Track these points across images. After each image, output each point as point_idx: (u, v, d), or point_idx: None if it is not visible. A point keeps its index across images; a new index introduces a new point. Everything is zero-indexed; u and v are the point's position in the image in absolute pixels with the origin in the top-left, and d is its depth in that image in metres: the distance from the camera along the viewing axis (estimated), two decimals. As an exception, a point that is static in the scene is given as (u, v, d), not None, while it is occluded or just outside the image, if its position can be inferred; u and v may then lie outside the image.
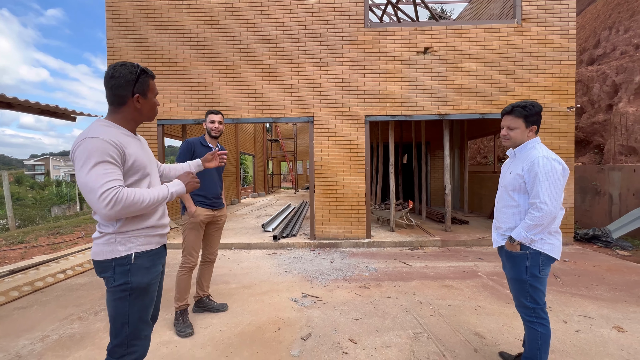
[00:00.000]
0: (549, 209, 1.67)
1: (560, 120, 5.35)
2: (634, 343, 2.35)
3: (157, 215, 1.50)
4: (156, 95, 1.53)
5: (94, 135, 1.27)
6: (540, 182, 1.69)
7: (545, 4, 5.31)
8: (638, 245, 5.26)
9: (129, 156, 1.35)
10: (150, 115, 1.51)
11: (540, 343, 1.78)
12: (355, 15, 5.42)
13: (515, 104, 1.85)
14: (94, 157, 1.24)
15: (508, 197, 1.88)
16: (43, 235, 7.41)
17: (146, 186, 1.46)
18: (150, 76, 1.46)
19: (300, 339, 2.48)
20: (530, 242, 1.75)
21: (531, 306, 1.81)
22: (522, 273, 1.80)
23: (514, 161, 1.91)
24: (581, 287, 3.48)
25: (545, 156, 1.72)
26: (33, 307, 3.15)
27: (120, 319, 1.39)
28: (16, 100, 2.48)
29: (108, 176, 1.24)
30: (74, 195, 29.58)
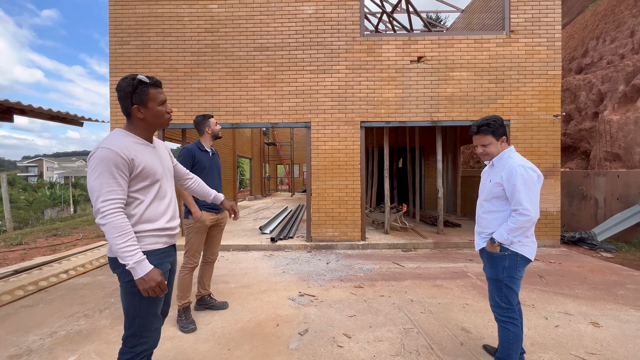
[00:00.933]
0: (531, 214, 1.81)
1: (547, 127, 5.59)
2: (607, 337, 2.54)
3: (166, 218, 1.61)
4: (162, 103, 1.56)
5: (106, 146, 1.42)
6: (519, 190, 1.83)
7: (532, 17, 5.57)
8: (621, 248, 5.49)
9: (137, 164, 1.48)
10: (158, 123, 1.58)
11: (511, 342, 1.91)
12: (352, 25, 5.63)
13: (478, 123, 1.99)
14: (100, 167, 1.39)
15: (489, 204, 2.01)
16: (41, 237, 7.47)
17: (155, 192, 1.58)
18: (151, 85, 1.52)
19: (297, 334, 2.63)
20: (510, 243, 1.89)
21: (505, 306, 1.94)
22: (500, 273, 1.93)
23: (493, 170, 2.04)
24: (564, 286, 3.67)
25: (522, 165, 1.86)
26: (39, 306, 3.26)
27: (132, 311, 1.52)
28: (30, 107, 2.61)
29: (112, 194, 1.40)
30: (67, 198, 29.37)
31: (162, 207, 1.61)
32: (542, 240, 5.58)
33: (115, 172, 1.41)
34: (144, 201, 1.54)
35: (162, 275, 1.47)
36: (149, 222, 1.54)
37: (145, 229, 1.53)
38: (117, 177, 1.41)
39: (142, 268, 1.40)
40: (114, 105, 5.73)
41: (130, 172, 1.46)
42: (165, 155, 1.71)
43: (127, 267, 1.39)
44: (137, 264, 1.39)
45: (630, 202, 5.73)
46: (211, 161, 3.01)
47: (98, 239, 6.75)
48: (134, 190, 1.51)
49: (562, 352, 2.32)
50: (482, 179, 2.17)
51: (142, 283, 1.40)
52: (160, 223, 1.58)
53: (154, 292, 1.44)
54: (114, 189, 1.40)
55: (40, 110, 2.71)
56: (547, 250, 5.40)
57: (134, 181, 1.50)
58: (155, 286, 1.42)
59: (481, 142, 2.00)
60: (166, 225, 1.61)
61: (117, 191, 1.41)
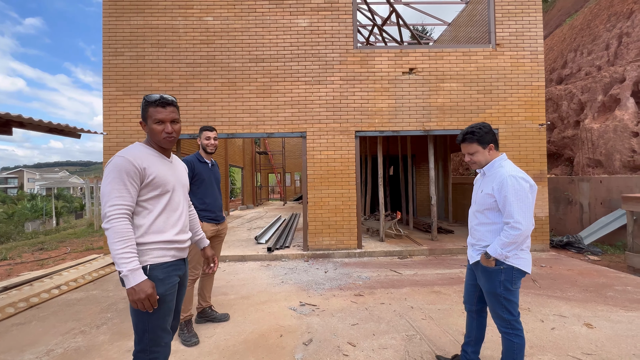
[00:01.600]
0: (522, 227, 1.75)
1: (534, 136, 5.83)
2: (601, 337, 2.64)
3: (175, 231, 1.62)
4: (157, 121, 1.56)
5: (122, 154, 1.49)
6: (511, 203, 1.77)
7: (516, 31, 5.85)
8: (607, 250, 5.70)
9: (149, 173, 1.53)
10: (155, 139, 1.59)
11: (515, 352, 1.87)
12: (345, 38, 5.78)
13: (465, 131, 1.96)
14: (113, 174, 1.46)
15: (482, 216, 1.96)
16: (26, 251, 7.22)
17: (166, 202, 1.60)
18: (150, 103, 1.56)
19: (302, 344, 2.63)
20: (505, 258, 1.83)
21: (507, 318, 1.89)
22: (497, 287, 1.87)
23: (484, 179, 1.98)
24: (556, 289, 3.80)
25: (513, 175, 1.80)
26: (32, 323, 3.16)
27: (141, 326, 1.52)
28: (30, 119, 2.58)
29: (121, 199, 1.45)
30: (49, 210, 28.40)
31: (172, 219, 1.62)
32: (533, 245, 5.74)
33: (126, 179, 1.46)
34: (153, 211, 1.56)
35: (154, 289, 1.44)
36: (157, 234, 1.55)
37: (153, 240, 1.54)
38: (127, 184, 1.47)
39: (134, 277, 1.39)
40: (107, 115, 5.68)
41: (141, 180, 1.51)
42: (181, 170, 1.75)
43: (121, 274, 1.40)
44: (131, 272, 1.39)
45: (613, 207, 5.98)
46: (210, 173, 3.03)
47: (88, 252, 6.57)
48: (144, 199, 1.54)
49: (560, 354, 2.41)
50: (475, 188, 2.11)
51: (132, 293, 1.39)
52: (169, 235, 1.59)
53: (142, 305, 1.41)
54: (123, 195, 1.45)
55: (39, 123, 2.68)
56: (538, 254, 5.56)
57: (144, 190, 1.53)
58: (144, 298, 1.40)
59: (467, 151, 1.96)
60: (175, 238, 1.61)
61: (125, 197, 1.46)
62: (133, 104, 5.69)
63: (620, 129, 6.58)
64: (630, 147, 6.35)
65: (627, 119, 6.56)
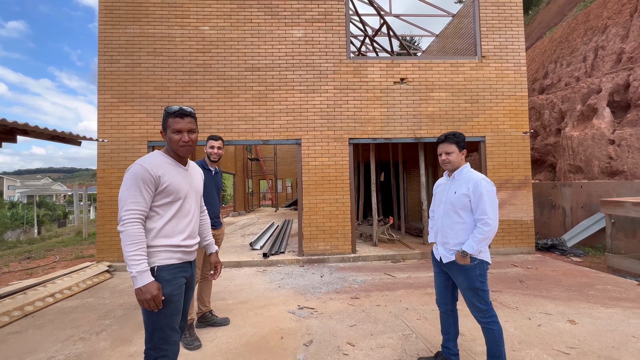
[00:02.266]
0: (494, 223, 1.99)
1: (518, 143, 6.11)
2: (583, 332, 2.82)
3: (183, 236, 1.71)
4: (175, 131, 1.65)
5: (139, 162, 1.61)
6: (484, 201, 2.00)
7: (500, 45, 6.17)
8: (588, 252, 5.99)
9: (163, 181, 1.64)
10: (173, 148, 1.69)
11: (497, 339, 2.04)
12: (339, 49, 5.98)
13: (447, 133, 2.17)
14: (130, 180, 1.58)
15: (455, 215, 2.12)
16: (13, 260, 7.04)
17: (177, 208, 1.70)
18: (170, 114, 1.66)
19: (303, 345, 2.71)
20: (479, 252, 2.03)
21: (484, 308, 2.05)
22: (475, 282, 2.04)
23: (454, 183, 2.18)
24: (542, 289, 3.99)
25: (484, 179, 2.06)
26: (28, 331, 3.13)
27: (151, 325, 1.60)
28: (35, 127, 2.61)
29: (136, 205, 1.56)
30: (31, 218, 27.48)
31: (181, 225, 1.72)
32: (519, 248, 5.98)
33: (142, 186, 1.57)
34: (164, 216, 1.66)
35: (159, 290, 1.54)
36: (166, 238, 1.65)
37: (162, 244, 1.64)
38: (143, 191, 1.58)
39: (142, 279, 1.50)
40: (102, 122, 5.68)
41: (156, 187, 1.62)
42: (197, 178, 1.85)
43: (131, 275, 1.50)
44: (139, 273, 1.50)
45: (593, 210, 6.30)
46: (212, 180, 3.13)
47: (78, 261, 6.46)
48: (157, 205, 1.65)
49: (546, 348, 2.56)
50: (439, 191, 2.30)
51: (139, 293, 1.50)
52: (176, 240, 1.68)
53: (148, 305, 1.51)
54: (138, 200, 1.56)
55: (42, 131, 2.71)
56: (524, 256, 5.79)
57: (158, 196, 1.64)
58: (150, 299, 1.50)
59: (446, 150, 2.16)
60: (182, 243, 1.70)
61: (140, 203, 1.57)
62: (128, 110, 5.71)
63: (597, 136, 6.96)
64: (607, 153, 6.72)
65: (604, 128, 6.95)
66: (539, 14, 19.80)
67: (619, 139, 6.60)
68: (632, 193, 5.67)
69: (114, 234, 5.55)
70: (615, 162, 6.55)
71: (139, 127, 5.71)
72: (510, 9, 6.23)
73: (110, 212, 5.58)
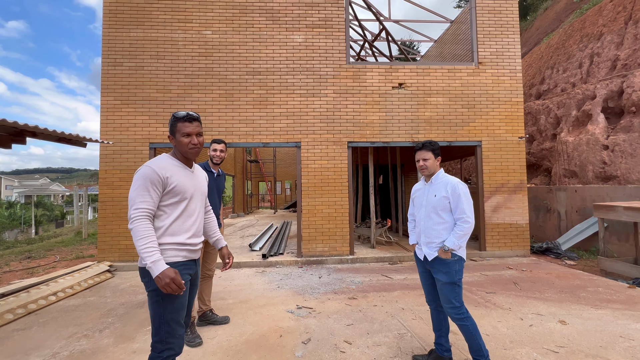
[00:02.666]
0: (472, 221, 2.19)
1: (514, 148, 6.23)
2: (573, 332, 2.91)
3: (188, 235, 1.81)
4: (185, 134, 1.76)
5: (148, 165, 1.72)
6: (462, 202, 2.20)
7: (497, 51, 6.30)
8: (582, 256, 6.09)
9: (171, 182, 1.74)
10: (182, 150, 1.80)
11: (473, 333, 2.18)
12: (338, 54, 6.09)
13: (424, 141, 2.37)
14: (139, 181, 1.68)
15: (437, 217, 2.30)
16: (14, 260, 7.09)
17: (183, 208, 1.80)
18: (179, 119, 1.77)
19: (301, 343, 2.79)
20: (459, 248, 2.22)
21: (458, 305, 2.19)
22: (454, 276, 2.21)
23: (432, 187, 2.37)
24: (535, 291, 4.08)
25: (460, 182, 2.26)
26: (32, 329, 3.20)
27: (157, 319, 1.70)
28: (44, 130, 2.70)
29: (145, 204, 1.67)
30: (29, 218, 27.41)
31: (186, 225, 1.82)
32: (515, 250, 6.08)
33: (150, 186, 1.67)
34: (170, 215, 1.76)
35: (177, 274, 1.63)
36: (172, 236, 1.75)
37: (168, 242, 1.74)
38: (151, 191, 1.68)
39: (157, 267, 1.60)
40: (105, 124, 5.77)
41: (163, 187, 1.72)
42: (201, 180, 1.94)
43: (146, 266, 1.60)
44: (154, 263, 1.60)
45: (587, 214, 6.40)
46: (213, 182, 3.22)
47: (78, 261, 6.53)
48: (165, 204, 1.75)
49: (536, 347, 2.65)
50: (419, 195, 2.48)
51: (159, 280, 1.59)
52: (182, 238, 1.78)
53: (170, 289, 1.60)
54: (146, 200, 1.67)
55: (49, 133, 2.80)
56: (519, 259, 5.89)
57: (166, 196, 1.74)
58: (170, 282, 1.59)
59: (423, 157, 2.35)
60: (187, 241, 1.80)
61: (148, 202, 1.67)
62: (131, 112, 5.80)
63: (592, 142, 7.09)
64: (601, 159, 6.84)
65: (598, 133, 7.08)
66: (537, 20, 20.01)
67: (612, 144, 6.72)
68: (625, 198, 5.79)
69: (115, 234, 5.62)
70: (608, 167, 6.67)
71: (141, 129, 5.80)
72: (506, 16, 6.36)
73: (111, 213, 5.65)
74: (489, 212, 6.12)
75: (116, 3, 5.86)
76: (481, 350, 2.17)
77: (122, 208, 5.65)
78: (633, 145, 6.36)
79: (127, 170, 5.71)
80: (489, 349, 2.59)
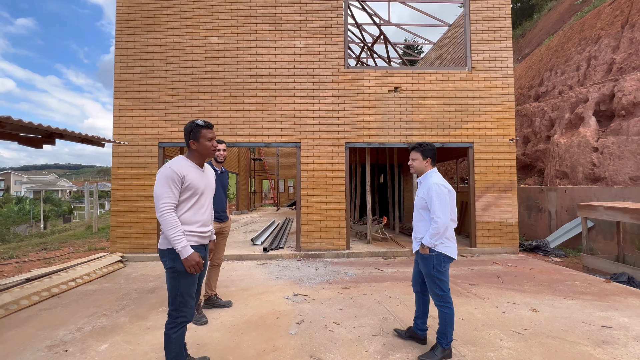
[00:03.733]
0: (442, 221, 2.36)
1: (505, 149, 6.50)
2: (541, 318, 3.21)
3: (198, 224, 2.18)
4: (209, 139, 2.18)
5: (168, 166, 2.08)
6: (434, 202, 2.39)
7: (489, 56, 6.57)
8: (569, 253, 6.35)
9: (187, 180, 2.11)
10: (205, 154, 2.21)
11: (447, 320, 2.45)
12: (337, 59, 6.41)
13: (416, 143, 2.62)
14: (162, 180, 2.04)
15: (418, 214, 2.57)
16: (30, 251, 7.54)
17: (194, 201, 2.16)
18: (202, 127, 2.17)
19: (295, 324, 3.14)
20: (434, 246, 2.42)
21: (439, 294, 2.46)
22: (431, 269, 2.46)
23: (420, 187, 2.62)
24: (515, 284, 4.38)
25: (437, 183, 2.43)
26: (57, 309, 3.59)
27: (173, 291, 2.08)
28: (72, 133, 3.06)
29: (168, 198, 2.03)
30: (37, 213, 28.13)
31: (197, 216, 2.19)
32: (504, 248, 6.37)
33: (171, 184, 2.04)
34: (184, 207, 2.13)
35: (200, 257, 2.03)
36: (185, 224, 2.12)
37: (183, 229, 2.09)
38: (172, 188, 2.04)
39: (186, 251, 2.00)
40: (117, 124, 6.15)
41: (181, 184, 2.08)
42: (211, 178, 2.31)
43: (177, 250, 1.99)
44: (183, 248, 2.00)
45: (576, 214, 6.66)
46: (218, 179, 3.56)
47: (91, 252, 6.94)
48: (181, 199, 2.12)
49: (504, 329, 2.97)
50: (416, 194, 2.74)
51: (186, 262, 2.00)
52: (193, 227, 2.15)
53: (194, 269, 2.02)
54: (169, 195, 2.03)
55: (75, 135, 3.16)
56: (507, 256, 6.18)
57: (183, 192, 2.11)
58: (195, 264, 2.01)
59: (412, 157, 2.64)
60: (197, 230, 2.17)
61: (171, 197, 2.04)
62: (141, 113, 6.18)
63: (583, 144, 7.32)
64: (591, 160, 7.08)
65: (589, 136, 7.31)
66: (541, 21, 20.04)
67: (602, 147, 6.96)
68: (611, 198, 6.04)
69: (127, 228, 6.02)
70: (597, 169, 6.91)
71: (150, 129, 6.18)
72: (499, 22, 6.62)
73: (123, 208, 6.05)
74: (479, 210, 6.40)
75: (128, 10, 6.23)
76: (446, 336, 2.47)
77: (133, 203, 6.04)
78: (621, 147, 6.59)
79: (138, 168, 6.10)
80: (462, 330, 2.93)
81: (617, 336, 2.82)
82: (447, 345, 2.48)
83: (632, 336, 2.82)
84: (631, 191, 5.76)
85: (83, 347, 2.70)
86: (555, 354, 2.54)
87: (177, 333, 2.07)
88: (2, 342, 2.82)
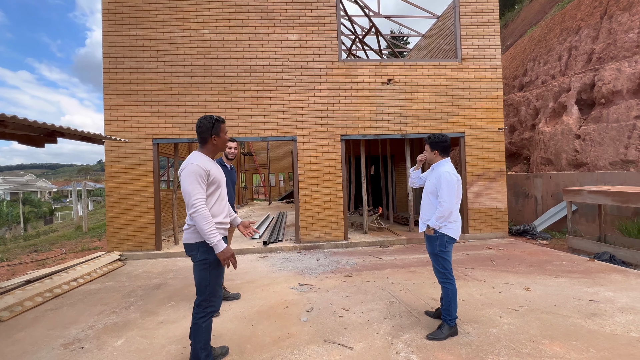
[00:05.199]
0: (447, 205, 2.58)
1: (494, 138, 6.73)
2: (534, 296, 3.44)
3: (223, 215, 2.25)
4: (226, 133, 2.29)
5: (193, 162, 2.10)
6: (442, 188, 2.62)
7: (478, 48, 6.73)
8: (555, 236, 6.70)
9: (211, 174, 2.16)
10: (223, 148, 2.31)
11: (450, 297, 2.66)
12: (331, 51, 6.43)
13: (429, 134, 2.83)
14: (191, 177, 2.08)
15: (427, 199, 2.80)
16: (20, 253, 7.34)
17: (218, 194, 2.22)
18: (222, 122, 2.25)
19: (305, 311, 3.25)
20: (439, 227, 2.65)
21: (442, 271, 2.71)
22: (435, 248, 2.71)
23: (432, 173, 2.81)
24: (508, 266, 4.63)
25: (448, 171, 2.65)
26: (63, 308, 3.57)
27: (204, 282, 2.15)
28: (74, 130, 3.01)
29: (200, 194, 2.07)
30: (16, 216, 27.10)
31: (221, 207, 2.27)
32: (494, 233, 6.65)
33: (199, 180, 2.08)
34: (211, 201, 2.19)
35: (232, 251, 2.12)
36: (214, 217, 2.17)
37: None
38: (200, 183, 2.09)
39: (220, 245, 2.06)
40: (109, 121, 6.02)
41: (207, 179, 2.14)
42: (223, 172, 2.35)
43: (211, 244, 2.04)
44: (218, 242, 2.06)
45: (560, 199, 7.01)
46: (228, 175, 3.60)
47: (85, 253, 6.83)
48: (207, 193, 2.16)
49: (502, 307, 3.17)
50: (426, 180, 2.93)
51: (222, 255, 2.07)
52: (220, 218, 2.22)
53: (228, 263, 2.10)
54: (200, 190, 2.08)
55: (76, 132, 3.11)
56: (498, 240, 6.47)
57: (208, 186, 2.16)
58: (229, 257, 2.09)
59: (424, 149, 2.89)
60: (223, 220, 2.25)
61: (201, 192, 2.09)
62: (133, 110, 6.06)
63: (566, 132, 7.66)
64: (574, 147, 7.42)
65: (572, 124, 7.64)
66: (523, 11, 20.44)
67: (584, 134, 7.30)
68: (593, 182, 6.38)
69: (123, 226, 5.95)
70: (580, 155, 7.27)
71: (144, 125, 6.07)
72: (487, 14, 6.78)
73: (118, 206, 5.97)
74: (471, 198, 6.65)
75: (115, 3, 6.04)
76: (450, 312, 2.65)
77: (129, 201, 5.97)
78: (601, 134, 6.94)
79: (132, 165, 6.01)
80: (464, 310, 3.11)
81: (604, 308, 3.07)
82: (452, 322, 2.65)
83: (617, 308, 3.07)
84: (611, 175, 6.10)
85: (99, 344, 2.73)
86: (551, 327, 2.75)
87: (206, 322, 2.16)
88: (13, 343, 2.81)
